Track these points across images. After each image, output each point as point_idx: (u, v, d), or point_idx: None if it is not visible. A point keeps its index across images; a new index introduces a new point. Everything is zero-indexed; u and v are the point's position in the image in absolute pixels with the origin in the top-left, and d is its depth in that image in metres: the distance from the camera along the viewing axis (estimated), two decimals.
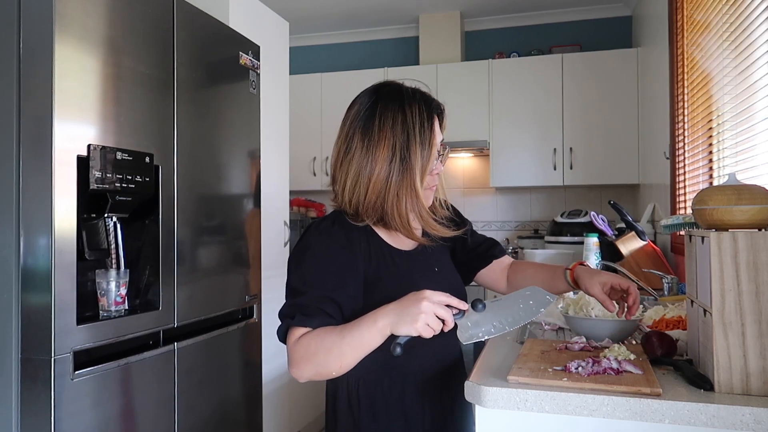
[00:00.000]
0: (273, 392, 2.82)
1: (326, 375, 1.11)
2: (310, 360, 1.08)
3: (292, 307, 1.13)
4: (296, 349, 1.09)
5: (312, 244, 1.18)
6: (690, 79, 2.61)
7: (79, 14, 1.56)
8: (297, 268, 1.18)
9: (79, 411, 1.53)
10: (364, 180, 1.18)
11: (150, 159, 1.76)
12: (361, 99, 1.24)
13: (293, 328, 1.12)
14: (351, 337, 1.06)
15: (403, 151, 1.17)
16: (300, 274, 1.16)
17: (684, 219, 1.94)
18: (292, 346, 1.10)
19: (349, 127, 1.21)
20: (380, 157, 1.17)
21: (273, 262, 2.80)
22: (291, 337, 1.12)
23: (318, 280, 1.14)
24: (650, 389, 1.00)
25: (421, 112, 1.19)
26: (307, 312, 1.11)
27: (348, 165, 1.20)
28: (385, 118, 1.18)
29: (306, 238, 1.20)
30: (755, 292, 1.02)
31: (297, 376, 1.11)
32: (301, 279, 1.15)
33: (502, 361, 1.24)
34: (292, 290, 1.17)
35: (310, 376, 1.10)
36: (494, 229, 4.33)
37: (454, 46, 4.24)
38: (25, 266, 1.48)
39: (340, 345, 1.06)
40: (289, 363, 1.12)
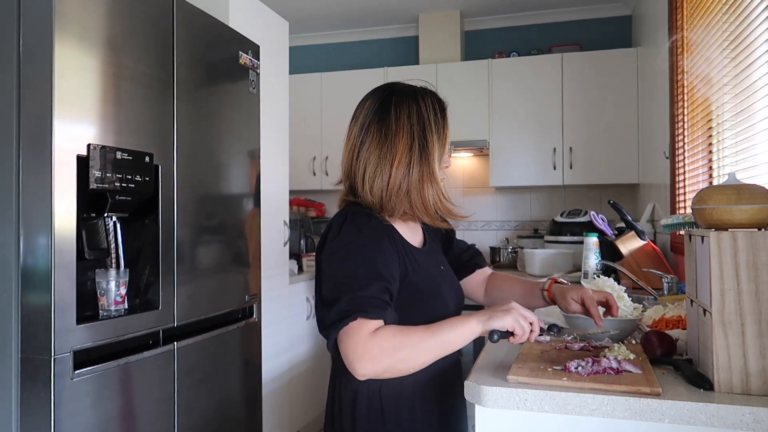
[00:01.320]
0: (273, 392, 2.82)
1: (401, 371, 1.10)
2: (393, 355, 1.06)
3: (356, 300, 1.07)
4: (374, 343, 1.05)
5: (356, 238, 1.15)
6: (690, 78, 2.61)
7: (79, 14, 1.56)
8: (343, 263, 1.13)
9: (79, 410, 1.53)
10: (385, 169, 1.19)
11: (150, 159, 1.76)
12: (372, 95, 1.27)
13: (361, 321, 1.06)
14: (442, 335, 1.08)
15: (420, 139, 1.20)
16: (352, 267, 1.12)
17: (684, 219, 1.94)
18: (366, 340, 1.05)
19: (364, 121, 1.23)
20: (399, 146, 1.19)
21: (273, 262, 2.81)
22: (361, 330, 1.05)
23: (375, 271, 1.11)
24: (650, 389, 1.00)
25: (433, 104, 1.24)
26: (377, 304, 1.08)
27: (367, 157, 1.21)
28: (401, 109, 1.21)
29: (345, 234, 1.16)
30: (755, 292, 1.02)
31: (366, 370, 1.06)
32: (356, 272, 1.11)
33: (502, 360, 1.24)
34: (346, 284, 1.10)
35: (382, 371, 1.08)
36: (494, 228, 4.33)
37: (453, 45, 4.24)
38: (25, 266, 1.48)
39: (428, 342, 1.08)
40: (358, 356, 1.05)
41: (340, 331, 1.07)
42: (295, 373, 3.11)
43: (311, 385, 3.33)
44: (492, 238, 4.31)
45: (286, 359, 2.99)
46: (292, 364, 3.07)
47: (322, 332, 1.12)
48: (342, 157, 1.28)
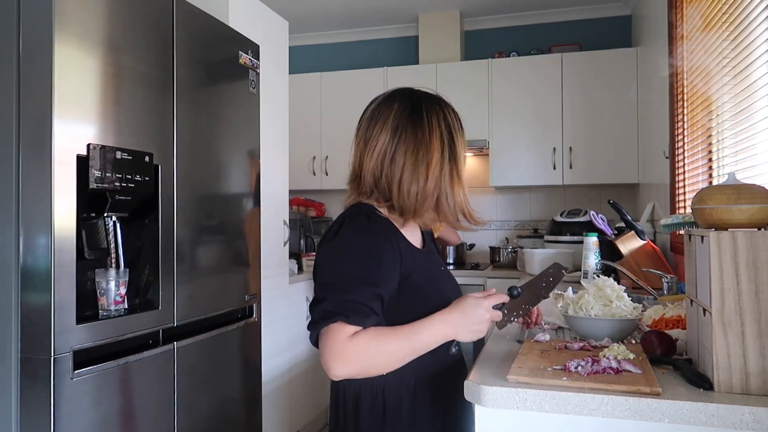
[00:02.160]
0: (272, 391, 2.82)
1: (374, 373, 1.13)
2: (367, 359, 1.10)
3: (340, 303, 1.09)
4: (349, 347, 1.07)
5: (354, 239, 1.16)
6: (689, 78, 2.61)
7: (79, 13, 1.56)
8: (338, 263, 1.15)
9: (79, 410, 1.53)
10: (422, 172, 1.20)
11: (149, 158, 1.76)
12: (399, 99, 1.26)
13: (340, 325, 1.08)
14: (417, 341, 1.12)
15: (450, 143, 1.23)
16: (343, 269, 1.14)
17: (683, 218, 1.94)
18: (343, 343, 1.07)
19: (395, 125, 1.22)
20: (434, 150, 1.21)
21: (273, 262, 2.81)
22: (339, 333, 1.08)
23: (365, 275, 1.13)
24: (650, 389, 1.00)
25: (454, 111, 1.29)
26: (359, 310, 1.10)
27: (404, 161, 1.21)
28: (432, 114, 1.24)
29: (344, 233, 1.18)
30: (755, 292, 1.02)
31: (340, 372, 1.08)
32: (345, 274, 1.13)
33: (502, 360, 1.24)
34: (334, 285, 1.13)
35: (356, 373, 1.11)
36: (494, 228, 4.33)
37: (453, 45, 4.24)
38: (25, 265, 1.48)
39: (403, 348, 1.11)
40: (333, 358, 1.08)
41: (320, 330, 1.10)
42: (295, 372, 3.11)
43: (311, 384, 3.33)
44: (492, 237, 4.31)
45: (285, 359, 2.99)
46: (292, 363, 3.07)
47: (308, 327, 1.14)
48: (357, 159, 1.27)
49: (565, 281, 2.80)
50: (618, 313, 1.43)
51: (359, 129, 1.28)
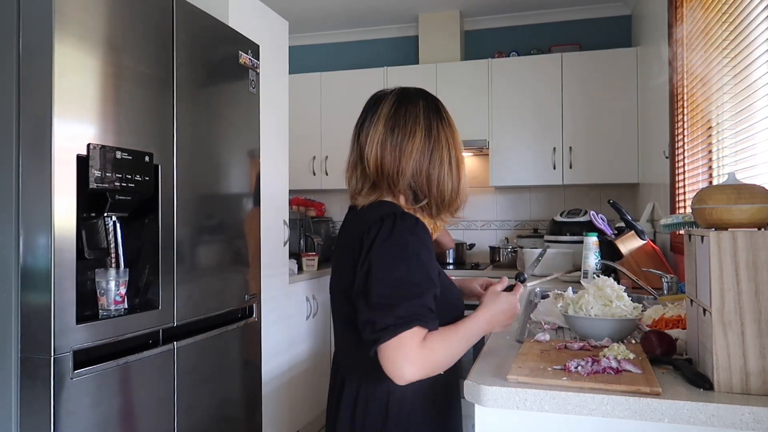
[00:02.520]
0: (272, 391, 2.82)
1: (436, 373, 1.13)
2: (436, 361, 1.10)
3: (415, 308, 1.08)
4: (424, 351, 1.07)
5: (410, 241, 1.14)
6: (689, 78, 2.61)
7: (79, 13, 1.56)
8: (399, 266, 1.12)
9: (79, 410, 1.53)
10: (455, 167, 1.26)
11: (149, 158, 1.76)
12: (421, 98, 1.28)
13: (418, 330, 1.07)
14: (470, 339, 1.18)
15: (453, 144, 1.28)
16: (409, 271, 1.12)
17: (683, 218, 1.94)
18: (419, 347, 1.06)
19: (429, 125, 1.25)
20: (459, 147, 1.29)
21: (272, 262, 2.81)
22: (415, 338, 1.07)
23: (429, 277, 1.13)
24: (650, 388, 1.00)
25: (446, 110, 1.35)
26: (430, 314, 1.10)
27: (439, 158, 1.24)
28: (447, 115, 1.30)
29: (398, 233, 1.14)
30: (755, 292, 1.02)
31: (413, 376, 1.07)
32: (412, 277, 1.11)
33: (502, 360, 1.24)
34: (402, 288, 1.10)
35: (425, 375, 1.09)
36: (494, 228, 4.33)
37: (453, 45, 4.24)
38: (25, 265, 1.48)
39: (462, 347, 1.15)
40: (409, 363, 1.06)
41: (394, 336, 1.06)
42: (294, 372, 3.12)
43: (311, 384, 3.33)
44: (492, 237, 4.31)
45: (285, 359, 2.99)
46: (291, 363, 3.07)
47: (371, 335, 1.08)
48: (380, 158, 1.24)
49: (565, 281, 2.80)
50: (618, 313, 1.43)
51: (376, 127, 1.25)
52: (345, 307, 1.21)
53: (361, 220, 1.21)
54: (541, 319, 1.74)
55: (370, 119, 1.27)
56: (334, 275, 1.29)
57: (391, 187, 1.24)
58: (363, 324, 1.10)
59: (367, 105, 1.32)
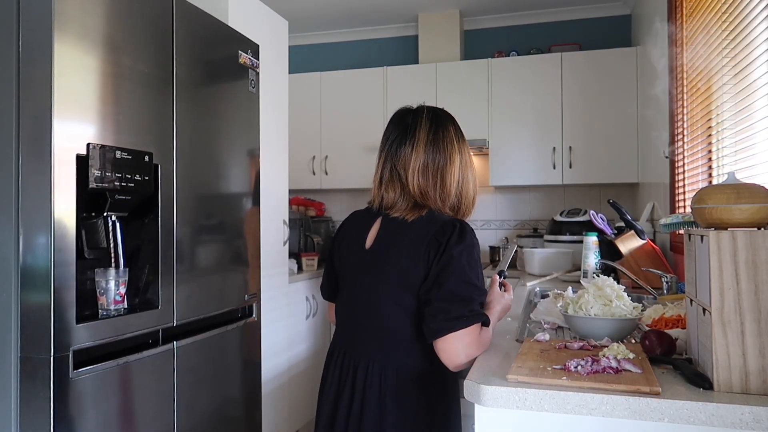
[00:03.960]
0: (272, 391, 2.82)
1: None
2: (476, 354, 1.28)
3: (482, 305, 1.31)
4: (480, 342, 1.28)
5: (476, 248, 1.34)
6: (689, 77, 2.61)
7: (79, 13, 1.56)
8: (473, 266, 1.31)
9: (79, 410, 1.53)
10: (470, 183, 1.46)
11: (149, 158, 1.76)
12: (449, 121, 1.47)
13: (478, 325, 1.28)
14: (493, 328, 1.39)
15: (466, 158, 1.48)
16: (477, 272, 1.32)
17: (683, 218, 1.94)
18: (478, 339, 1.28)
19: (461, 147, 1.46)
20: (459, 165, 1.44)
21: (272, 261, 2.81)
22: (477, 331, 1.28)
23: (483, 280, 1.35)
24: (649, 388, 1.00)
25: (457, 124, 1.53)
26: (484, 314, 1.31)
27: (470, 175, 1.47)
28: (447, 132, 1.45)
29: (468, 237, 1.33)
30: (754, 291, 1.02)
31: (464, 364, 1.26)
32: (479, 278, 1.32)
33: (501, 360, 1.24)
34: (476, 288, 1.30)
35: (469, 364, 1.26)
36: (493, 228, 4.33)
37: (453, 45, 4.24)
38: (25, 265, 1.48)
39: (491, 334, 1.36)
40: (478, 350, 1.28)
41: (467, 327, 1.24)
42: (294, 372, 3.12)
43: (311, 384, 3.33)
44: (491, 237, 4.31)
45: (285, 358, 2.99)
46: (291, 363, 3.07)
47: (443, 323, 1.25)
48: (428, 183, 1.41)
49: (564, 281, 2.80)
50: (618, 313, 1.43)
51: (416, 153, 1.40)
52: (408, 298, 1.33)
53: (427, 223, 1.35)
54: (541, 319, 1.74)
55: (409, 143, 1.41)
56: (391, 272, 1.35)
57: (437, 205, 1.41)
58: (435, 311, 1.25)
59: (399, 125, 1.45)
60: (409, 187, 1.39)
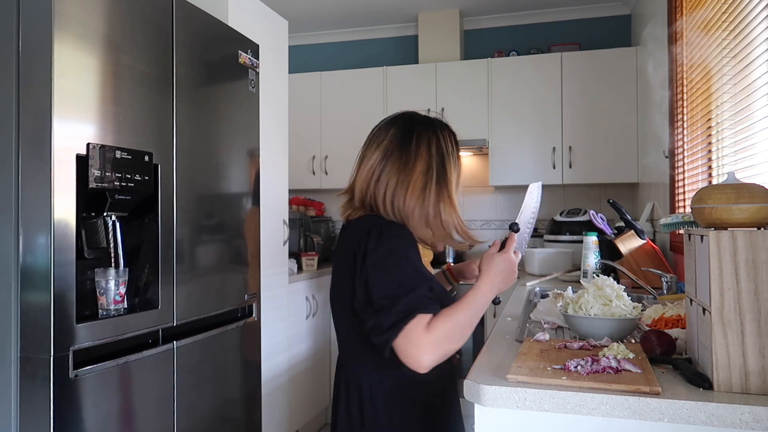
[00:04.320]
0: (272, 391, 2.82)
1: (454, 351, 1.19)
2: (449, 340, 1.16)
3: (412, 300, 1.16)
4: (432, 335, 1.13)
5: (398, 246, 1.24)
6: (689, 77, 2.61)
7: (79, 12, 1.56)
8: (392, 268, 1.21)
9: (79, 409, 1.53)
10: (400, 193, 1.29)
11: (149, 158, 1.76)
12: (395, 124, 1.36)
13: (419, 318, 1.14)
14: (476, 310, 1.22)
15: (439, 167, 1.32)
16: (399, 272, 1.21)
17: (683, 218, 1.94)
18: (424, 334, 1.13)
19: (387, 148, 1.33)
20: (417, 172, 1.30)
21: (272, 261, 2.81)
22: (418, 326, 1.13)
23: (418, 274, 1.22)
24: (649, 388, 1.00)
25: (450, 137, 1.38)
26: (427, 301, 1.18)
27: (387, 180, 1.31)
28: (422, 140, 1.33)
29: (386, 240, 1.24)
30: (754, 291, 1.02)
31: (429, 361, 1.13)
32: (405, 275, 1.20)
33: (501, 359, 1.24)
34: (399, 287, 1.18)
35: (442, 357, 1.15)
36: (493, 227, 4.33)
37: (453, 44, 4.24)
38: (25, 265, 1.48)
39: (466, 319, 1.19)
40: (422, 351, 1.12)
41: (400, 332, 1.13)
42: (294, 372, 3.12)
43: (310, 384, 3.33)
44: (491, 237, 4.31)
45: (285, 358, 2.99)
46: (291, 363, 3.07)
47: (380, 337, 1.16)
48: (354, 173, 1.38)
49: (564, 281, 2.80)
50: (617, 313, 1.43)
51: (362, 148, 1.38)
52: (346, 315, 1.30)
53: (356, 231, 1.29)
54: (541, 319, 1.74)
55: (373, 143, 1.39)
56: (333, 285, 1.37)
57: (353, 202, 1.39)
58: (371, 330, 1.18)
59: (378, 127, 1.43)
60: (356, 191, 1.35)
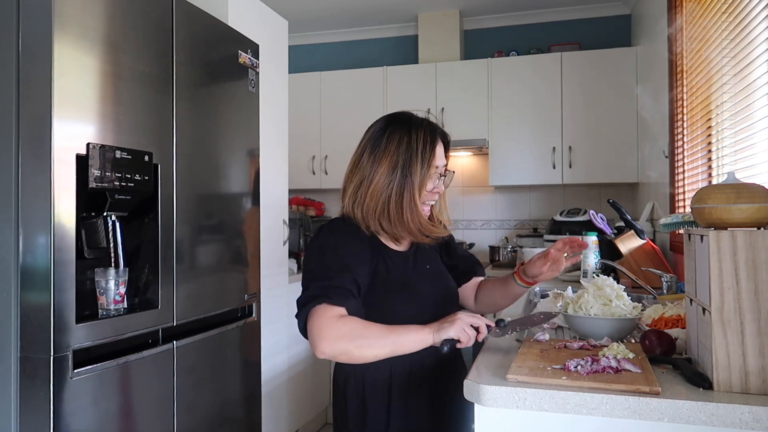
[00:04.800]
0: (272, 391, 2.82)
1: (355, 358, 1.21)
2: (351, 340, 1.17)
3: (323, 288, 1.21)
4: (334, 326, 1.17)
5: (328, 239, 1.31)
6: (689, 77, 2.61)
7: (78, 12, 1.56)
8: (319, 258, 1.28)
9: (78, 409, 1.53)
10: (364, 188, 1.33)
11: (149, 157, 1.76)
12: (375, 125, 1.40)
13: (325, 306, 1.18)
14: (397, 335, 1.20)
15: (404, 168, 1.32)
16: (323, 262, 1.26)
17: (683, 218, 1.94)
18: (327, 322, 1.16)
19: (362, 148, 1.38)
20: (381, 170, 1.32)
21: (272, 261, 2.80)
22: (323, 314, 1.18)
23: (342, 264, 1.25)
24: (649, 388, 1.00)
25: (425, 136, 1.36)
26: (339, 293, 1.21)
27: (353, 176, 1.36)
28: (392, 139, 1.34)
29: (320, 236, 1.33)
30: (754, 291, 1.02)
31: (324, 348, 1.17)
32: (326, 265, 1.25)
33: (501, 359, 1.24)
34: (317, 276, 1.24)
35: (338, 354, 1.19)
36: (493, 227, 4.33)
37: (453, 44, 4.24)
38: (25, 265, 1.48)
39: (384, 338, 1.19)
40: (319, 335, 1.17)
41: (307, 313, 1.20)
42: (294, 372, 3.11)
43: (310, 384, 3.33)
44: (491, 237, 4.31)
45: (285, 358, 2.99)
46: (291, 363, 3.07)
47: (296, 316, 1.25)
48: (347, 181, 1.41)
49: (564, 280, 2.80)
50: (617, 313, 1.43)
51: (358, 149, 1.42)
52: None
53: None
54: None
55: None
56: None
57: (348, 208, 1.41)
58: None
59: None
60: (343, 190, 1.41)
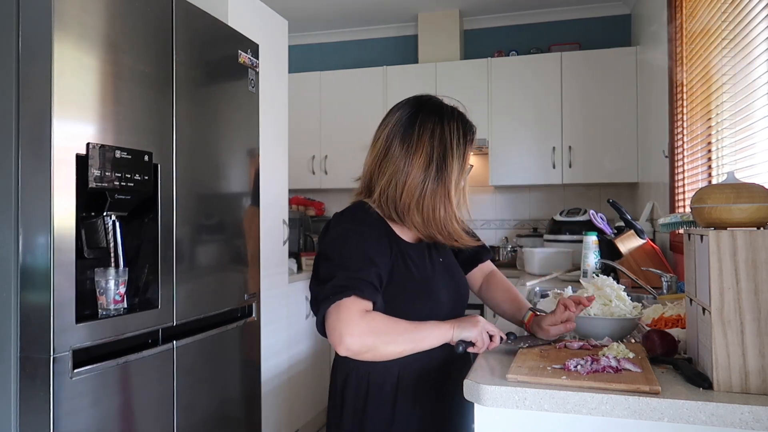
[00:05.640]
0: (272, 391, 2.82)
1: (380, 355, 1.16)
2: (378, 336, 1.14)
3: (352, 279, 1.14)
4: (365, 321, 1.12)
5: (353, 227, 1.24)
6: (689, 77, 2.61)
7: (78, 12, 1.56)
8: (342, 249, 1.21)
9: (78, 409, 1.53)
10: (400, 183, 1.25)
11: (149, 157, 1.76)
12: (402, 108, 1.31)
13: (354, 299, 1.13)
14: (421, 331, 1.19)
15: (439, 161, 1.25)
16: (348, 252, 1.20)
17: (683, 217, 1.94)
18: (359, 316, 1.12)
19: (389, 134, 1.29)
20: (416, 164, 1.25)
21: (272, 261, 2.81)
22: (354, 306, 1.12)
23: (368, 257, 1.19)
24: (649, 387, 1.00)
25: (458, 129, 1.29)
26: (369, 287, 1.15)
27: (385, 168, 1.27)
28: (425, 129, 1.26)
29: (339, 226, 1.26)
30: (754, 291, 1.02)
31: (351, 343, 1.11)
32: (351, 257, 1.19)
33: (501, 359, 1.24)
34: (341, 266, 1.18)
35: (364, 351, 1.13)
36: (493, 227, 4.33)
37: (453, 44, 4.24)
38: (24, 265, 1.48)
39: (409, 334, 1.17)
40: (347, 329, 1.11)
41: (333, 304, 1.12)
42: (294, 372, 3.12)
43: (310, 384, 3.33)
44: (491, 236, 4.31)
45: (285, 358, 2.99)
46: (291, 363, 3.07)
47: (314, 307, 1.18)
48: (366, 156, 1.33)
49: (564, 280, 2.80)
50: (617, 313, 1.43)
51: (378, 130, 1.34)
52: None
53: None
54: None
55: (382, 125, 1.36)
56: None
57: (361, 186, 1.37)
58: (311, 300, 1.21)
59: None
60: (364, 174, 1.34)
